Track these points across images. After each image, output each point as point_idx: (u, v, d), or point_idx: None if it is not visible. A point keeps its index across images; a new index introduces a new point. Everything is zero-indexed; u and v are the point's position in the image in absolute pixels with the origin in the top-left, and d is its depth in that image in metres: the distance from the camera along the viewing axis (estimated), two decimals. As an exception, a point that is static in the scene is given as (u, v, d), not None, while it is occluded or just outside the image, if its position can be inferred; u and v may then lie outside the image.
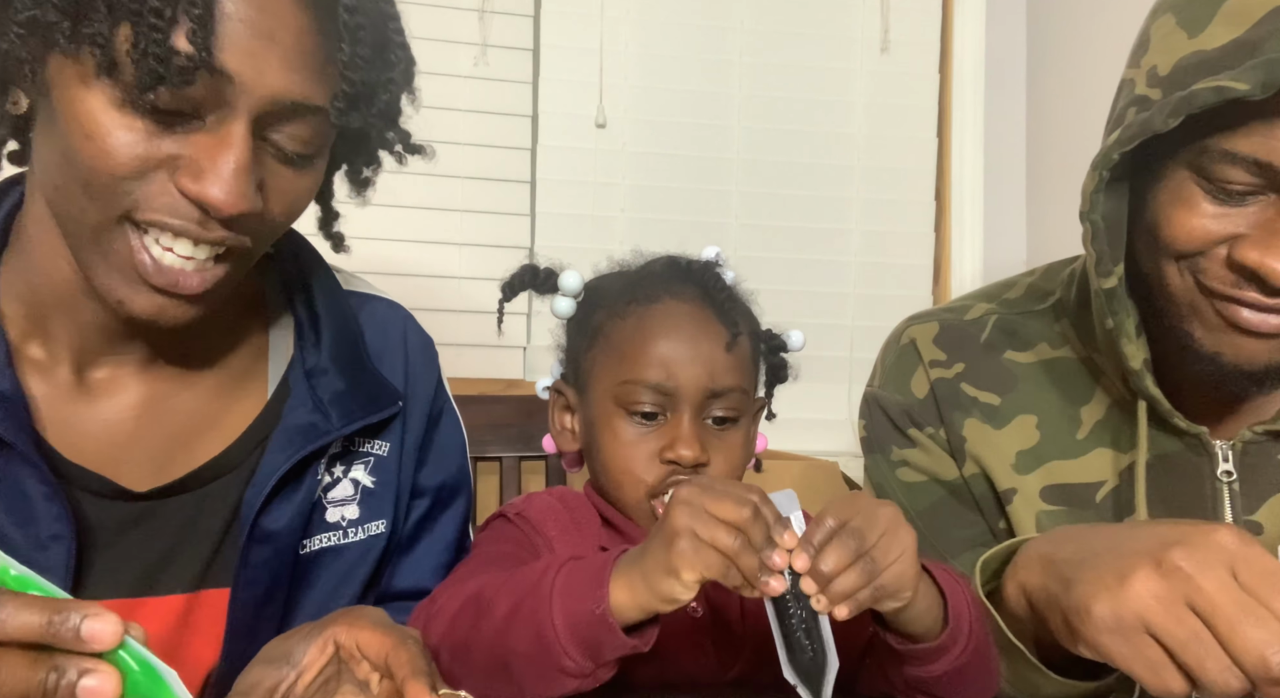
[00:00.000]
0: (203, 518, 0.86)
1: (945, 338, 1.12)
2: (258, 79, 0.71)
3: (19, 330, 0.82)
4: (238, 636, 0.84)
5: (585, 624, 0.68)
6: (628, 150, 2.03)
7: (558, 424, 0.98)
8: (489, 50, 1.94)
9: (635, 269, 0.99)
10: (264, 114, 0.73)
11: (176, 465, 0.85)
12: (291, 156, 0.77)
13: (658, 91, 2.04)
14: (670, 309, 0.91)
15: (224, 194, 0.71)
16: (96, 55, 0.68)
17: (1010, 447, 1.05)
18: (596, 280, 0.99)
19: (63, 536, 0.77)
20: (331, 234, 0.93)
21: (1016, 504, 1.04)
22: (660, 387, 0.88)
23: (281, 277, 0.94)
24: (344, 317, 0.94)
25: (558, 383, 0.98)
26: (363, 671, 0.68)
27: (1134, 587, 0.71)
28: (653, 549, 0.68)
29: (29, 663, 0.48)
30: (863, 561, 0.67)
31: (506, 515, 0.92)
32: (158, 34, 0.67)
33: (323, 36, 0.75)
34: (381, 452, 0.94)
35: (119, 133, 0.70)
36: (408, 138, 0.88)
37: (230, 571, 0.85)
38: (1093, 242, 0.94)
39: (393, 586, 0.96)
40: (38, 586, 0.51)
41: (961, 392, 1.08)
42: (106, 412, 0.84)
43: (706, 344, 0.90)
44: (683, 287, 0.93)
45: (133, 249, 0.74)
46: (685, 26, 2.06)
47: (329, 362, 0.90)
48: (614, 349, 0.91)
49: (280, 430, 0.87)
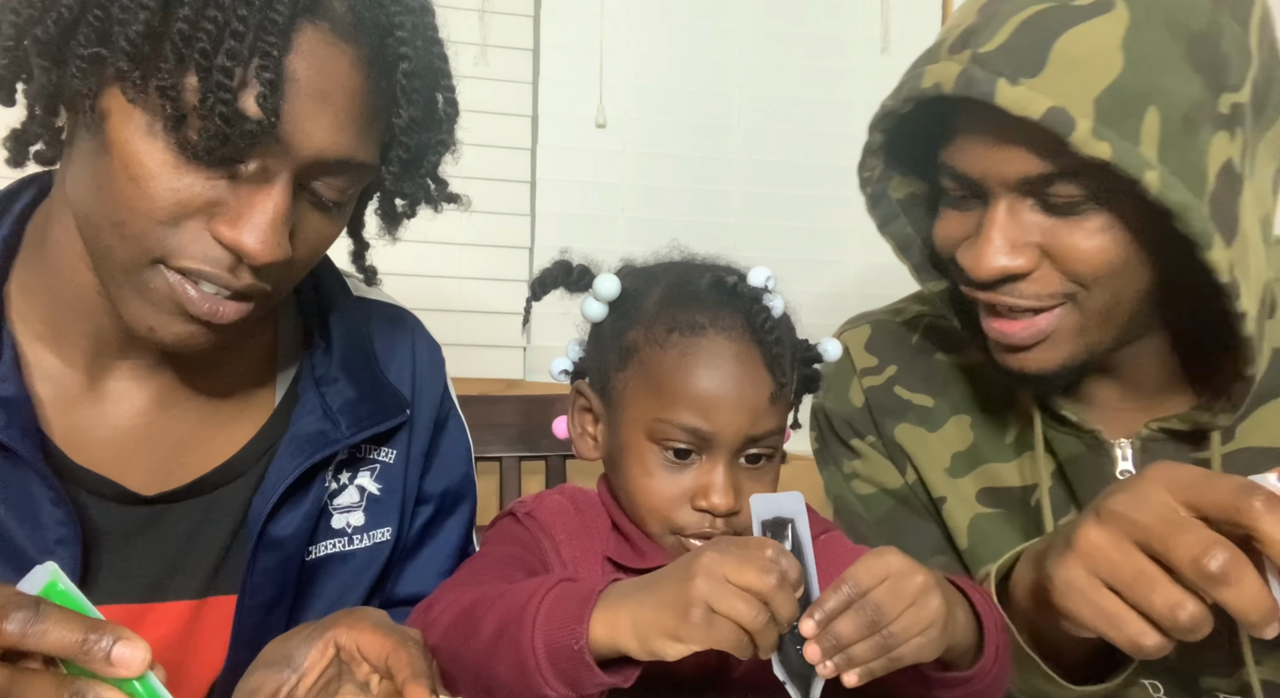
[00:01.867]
0: (210, 524, 0.86)
1: (876, 341, 1.11)
2: (306, 141, 0.71)
3: (32, 331, 0.82)
4: (244, 642, 0.84)
5: (564, 657, 0.67)
6: (628, 150, 2.03)
7: (579, 426, 0.93)
8: (489, 50, 1.93)
9: (675, 279, 0.90)
10: (307, 169, 0.73)
11: (184, 471, 0.85)
12: (326, 204, 0.77)
13: (658, 91, 2.04)
14: (715, 347, 0.84)
15: (259, 244, 0.71)
16: (166, 109, 0.68)
17: (945, 449, 1.04)
18: (631, 284, 0.90)
19: (68, 539, 0.77)
20: (364, 268, 0.93)
21: (950, 509, 1.03)
22: (698, 431, 0.82)
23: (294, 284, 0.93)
24: (354, 324, 0.94)
25: (580, 385, 0.92)
26: (363, 672, 0.68)
27: (1079, 543, 0.73)
28: (658, 607, 0.65)
29: (54, 684, 0.49)
30: (878, 635, 0.65)
31: (516, 515, 0.90)
32: (226, 94, 0.67)
33: (374, 96, 0.75)
34: (388, 459, 0.94)
35: (164, 179, 0.70)
36: (445, 187, 0.88)
37: (237, 577, 0.85)
38: (902, 253, 1.01)
39: (397, 592, 0.96)
40: (79, 605, 0.53)
41: (894, 396, 1.07)
42: (115, 416, 0.84)
43: (751, 391, 0.83)
44: (730, 318, 0.85)
45: (169, 284, 0.73)
46: (685, 26, 2.06)
47: (339, 370, 0.90)
48: (650, 380, 0.85)
49: (289, 438, 0.87)
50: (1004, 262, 0.84)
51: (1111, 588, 0.71)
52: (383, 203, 0.88)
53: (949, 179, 0.89)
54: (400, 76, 0.75)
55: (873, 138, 0.94)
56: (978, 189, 0.86)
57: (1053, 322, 0.87)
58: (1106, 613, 0.71)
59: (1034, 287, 0.85)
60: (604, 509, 0.90)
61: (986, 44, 0.81)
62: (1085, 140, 0.76)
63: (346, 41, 0.72)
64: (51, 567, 0.54)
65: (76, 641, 0.49)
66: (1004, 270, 0.85)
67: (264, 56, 0.67)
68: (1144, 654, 0.71)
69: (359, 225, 0.92)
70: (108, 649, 0.50)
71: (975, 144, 0.84)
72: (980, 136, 0.84)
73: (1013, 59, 0.79)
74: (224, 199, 0.72)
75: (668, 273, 0.91)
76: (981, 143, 0.84)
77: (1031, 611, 0.82)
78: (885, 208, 1.00)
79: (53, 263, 0.81)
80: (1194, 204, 0.77)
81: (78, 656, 0.50)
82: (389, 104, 0.77)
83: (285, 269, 0.77)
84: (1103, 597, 0.71)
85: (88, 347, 0.83)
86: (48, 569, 0.53)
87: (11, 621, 0.49)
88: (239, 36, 0.67)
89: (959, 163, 0.86)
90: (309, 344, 0.92)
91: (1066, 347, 0.88)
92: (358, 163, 0.75)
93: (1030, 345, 0.88)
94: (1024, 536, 1.00)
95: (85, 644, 0.50)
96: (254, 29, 0.67)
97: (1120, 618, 0.71)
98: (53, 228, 0.81)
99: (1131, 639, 0.70)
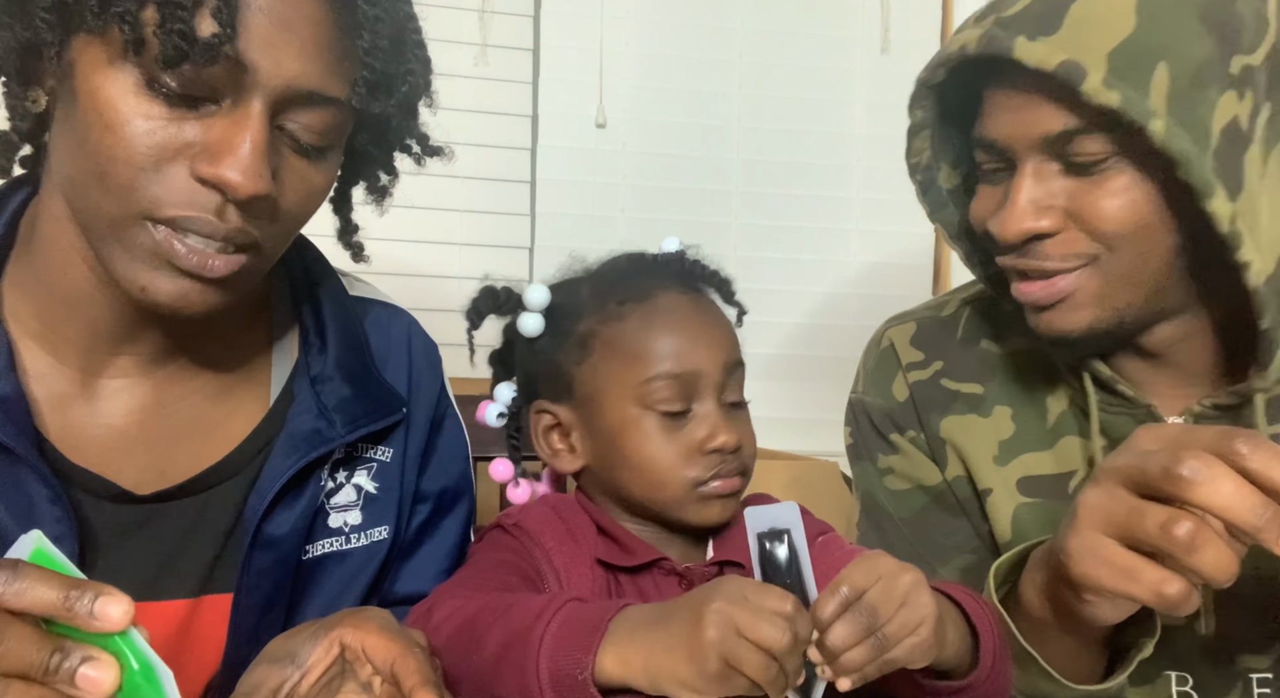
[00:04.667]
0: (205, 523, 0.85)
1: (922, 337, 1.12)
2: (274, 68, 0.72)
3: (26, 329, 0.82)
4: (240, 641, 0.84)
5: (569, 686, 0.67)
6: (628, 150, 2.03)
7: (549, 447, 0.93)
8: (489, 50, 1.94)
9: (596, 273, 0.96)
10: (279, 101, 0.74)
11: (179, 470, 0.85)
12: (306, 148, 0.78)
13: (658, 91, 2.04)
14: (670, 299, 0.90)
15: (240, 175, 0.72)
16: (125, 32, 0.69)
17: (995, 436, 1.05)
18: (558, 291, 0.94)
19: (64, 537, 0.77)
20: (351, 244, 0.95)
21: (994, 500, 1.04)
22: (684, 375, 0.86)
23: (289, 282, 0.93)
24: (350, 323, 0.94)
25: (540, 405, 0.93)
26: (366, 672, 0.68)
27: (1080, 507, 0.75)
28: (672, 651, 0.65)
29: (37, 640, 0.50)
30: (873, 638, 0.65)
31: (503, 527, 0.90)
32: (183, 12, 0.68)
33: (340, 30, 0.76)
34: (385, 457, 0.94)
35: (138, 121, 0.71)
36: (426, 140, 0.89)
37: (233, 576, 0.84)
38: (953, 240, 1.03)
39: (395, 591, 0.96)
40: (60, 565, 0.53)
41: (941, 389, 1.08)
42: (110, 414, 0.84)
43: (718, 322, 0.91)
44: (669, 278, 0.92)
45: (156, 239, 0.74)
46: (685, 26, 2.06)
47: (334, 368, 0.90)
48: (621, 352, 0.88)
49: (284, 436, 0.87)
50: (1029, 223, 0.88)
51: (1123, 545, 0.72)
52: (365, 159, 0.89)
53: (981, 152, 0.93)
54: (362, 3, 0.76)
55: (913, 116, 0.98)
56: (1006, 156, 0.90)
57: (1072, 283, 0.89)
58: (1122, 568, 0.72)
59: (1059, 248, 0.89)
60: (586, 513, 0.91)
61: (1009, 10, 0.87)
62: (1096, 90, 0.81)
63: None
64: (36, 534, 0.54)
65: (58, 598, 0.50)
66: (1030, 231, 0.88)
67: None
68: (1170, 606, 0.71)
69: (345, 205, 0.93)
70: (90, 605, 0.50)
71: (1001, 109, 0.89)
72: (1005, 100, 0.88)
73: (1032, 20, 0.84)
74: (201, 139, 0.73)
75: (583, 270, 0.97)
76: (1007, 106, 0.88)
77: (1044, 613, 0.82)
78: (935, 196, 1.03)
79: (44, 258, 0.81)
80: (1196, 155, 0.81)
81: (60, 612, 0.50)
82: (357, 45, 0.78)
83: (272, 212, 0.77)
84: (1115, 553, 0.72)
85: (81, 344, 0.83)
86: (32, 536, 0.54)
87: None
88: None
89: (988, 131, 0.90)
90: (304, 342, 0.92)
91: (1091, 308, 0.90)
92: (330, 97, 0.76)
93: (1052, 304, 0.91)
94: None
95: (67, 601, 0.50)
96: None
97: (1136, 569, 0.71)
98: (42, 222, 0.81)
99: (1152, 589, 0.71)
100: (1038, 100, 0.85)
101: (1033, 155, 0.88)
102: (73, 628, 0.52)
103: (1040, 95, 0.85)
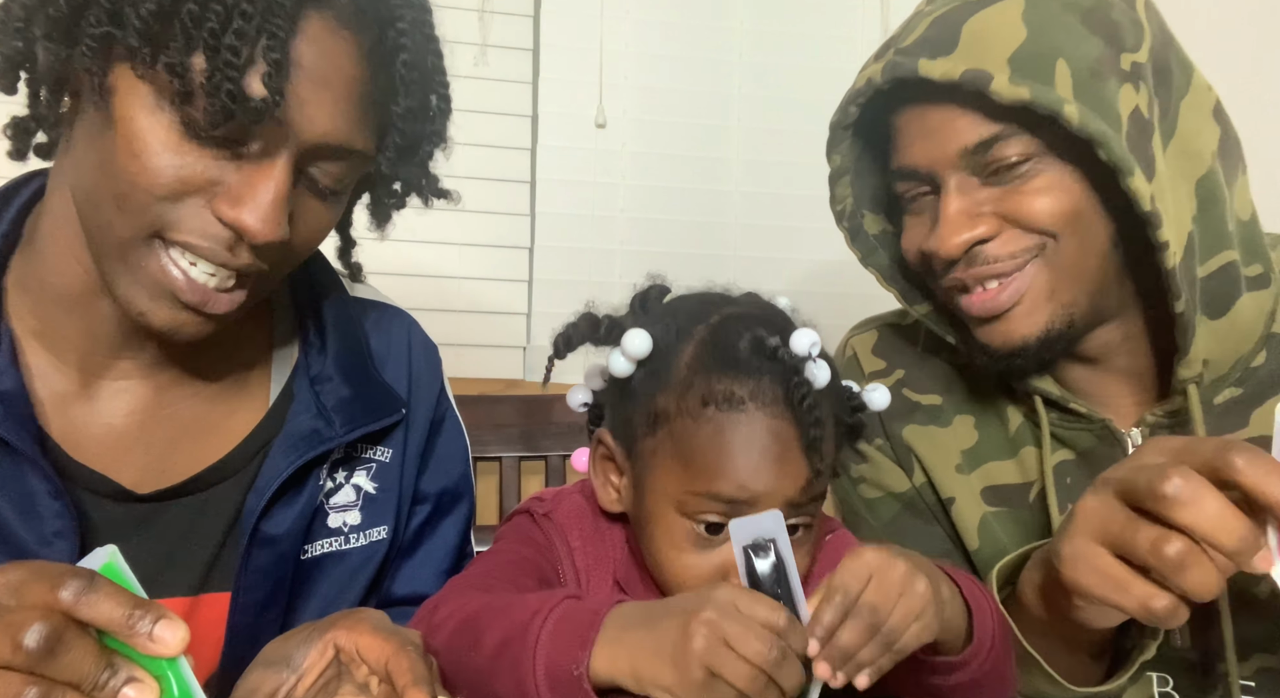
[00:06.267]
0: (204, 522, 0.86)
1: (883, 345, 1.13)
2: (307, 124, 0.74)
3: (28, 328, 0.82)
4: (238, 640, 0.84)
5: (564, 683, 0.67)
6: (628, 150, 2.03)
7: (600, 474, 0.87)
8: (489, 50, 1.93)
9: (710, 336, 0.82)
10: (307, 153, 0.76)
11: (179, 469, 0.85)
12: (323, 191, 0.79)
13: (658, 91, 2.04)
14: (754, 425, 0.77)
15: (259, 223, 0.73)
16: (175, 85, 0.70)
17: (955, 446, 1.06)
18: (662, 336, 0.83)
19: (66, 532, 0.78)
20: (350, 264, 0.95)
21: (958, 509, 1.04)
22: (735, 500, 0.77)
23: (290, 283, 0.94)
24: (350, 324, 0.95)
25: (603, 435, 0.86)
26: (362, 673, 0.68)
27: (1078, 514, 0.75)
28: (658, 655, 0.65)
29: (95, 654, 0.52)
30: (879, 635, 0.66)
31: (533, 514, 0.88)
32: (233, 72, 0.69)
33: (373, 86, 0.78)
34: (384, 458, 0.94)
35: (167, 155, 0.72)
36: (436, 182, 0.90)
37: (231, 575, 0.85)
38: (888, 282, 1.04)
39: (394, 591, 0.96)
40: (128, 582, 0.55)
41: (903, 397, 1.08)
42: (111, 413, 0.84)
43: (791, 467, 0.78)
44: (770, 390, 0.79)
45: (162, 265, 0.75)
46: (685, 26, 2.06)
47: (334, 369, 0.91)
48: (682, 453, 0.79)
49: (283, 436, 0.87)
50: (966, 233, 0.90)
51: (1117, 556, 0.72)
52: (374, 196, 0.90)
53: (901, 182, 0.96)
54: (400, 67, 0.78)
55: (832, 162, 1.02)
56: (928, 179, 0.92)
57: (1027, 279, 0.91)
58: (1112, 579, 0.72)
59: (1003, 247, 0.90)
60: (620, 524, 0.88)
61: (905, 41, 0.92)
62: (1004, 87, 0.84)
63: (349, 30, 0.75)
64: (111, 549, 0.56)
65: (123, 615, 0.52)
66: (968, 240, 0.90)
67: (271, 38, 0.70)
68: (1157, 620, 0.71)
69: (346, 223, 0.93)
70: (150, 627, 0.52)
71: (916, 134, 0.92)
72: (919, 125, 0.92)
73: (929, 44, 0.89)
74: (225, 179, 0.74)
75: (701, 326, 0.83)
76: (921, 130, 0.91)
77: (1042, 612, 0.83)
78: (864, 242, 1.06)
79: (45, 258, 0.81)
80: (1112, 135, 0.84)
81: (122, 629, 0.52)
82: (385, 95, 0.79)
83: (282, 252, 0.78)
84: (1107, 563, 0.72)
85: (80, 345, 0.83)
86: (107, 551, 0.56)
87: (67, 588, 0.51)
88: (247, 17, 0.70)
89: (906, 159, 0.93)
90: (304, 343, 0.92)
91: (1046, 308, 0.91)
92: (355, 150, 0.78)
93: (1009, 309, 0.91)
94: (1030, 532, 1.00)
95: (131, 619, 0.52)
96: (261, 12, 0.70)
97: (1127, 582, 0.71)
98: (45, 220, 0.81)
99: (1140, 602, 0.71)
100: (951, 116, 0.89)
101: (954, 172, 0.90)
102: (125, 645, 0.53)
103: (953, 109, 0.88)
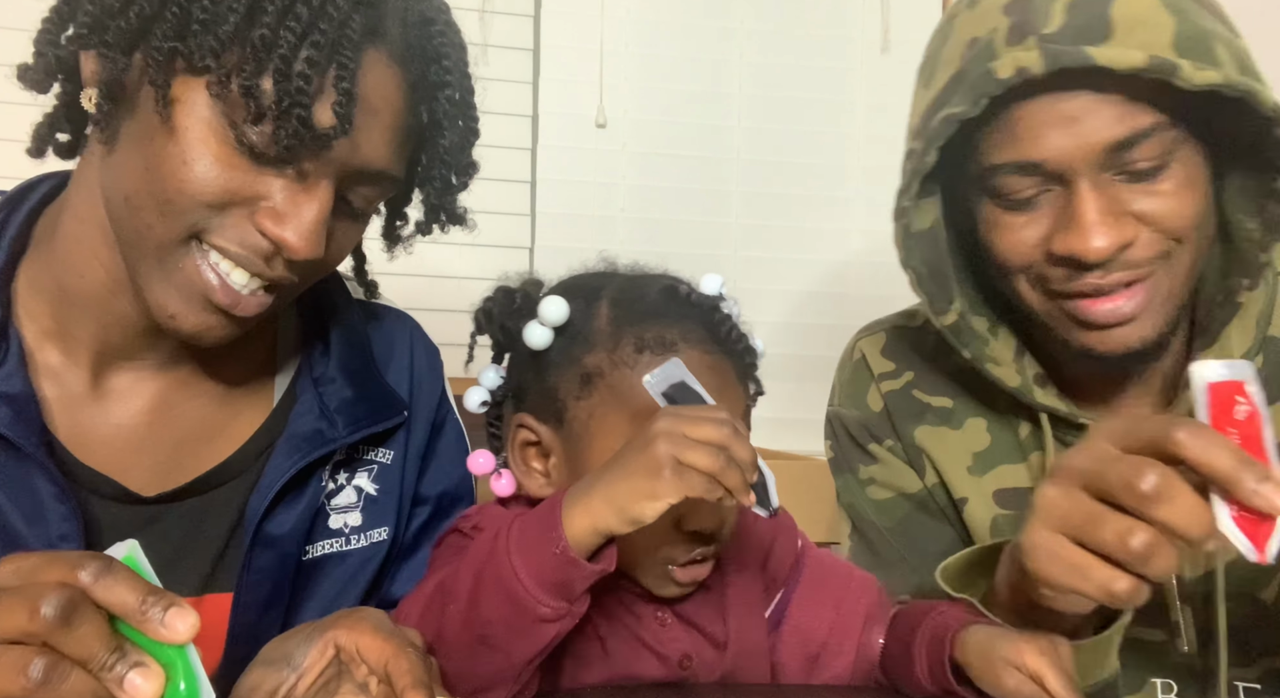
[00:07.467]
0: (208, 523, 0.86)
1: (893, 348, 1.12)
2: (354, 152, 0.76)
3: (39, 329, 0.83)
4: (240, 640, 0.84)
5: (550, 568, 0.69)
6: (628, 150, 2.03)
7: (522, 463, 0.85)
8: (489, 50, 1.94)
9: (620, 293, 0.84)
10: (350, 178, 0.78)
11: (183, 471, 0.86)
12: (356, 212, 0.82)
13: (658, 91, 2.04)
14: (691, 362, 0.77)
15: (301, 241, 0.75)
16: (249, 106, 0.71)
17: (966, 448, 1.05)
18: (576, 304, 0.83)
19: (71, 535, 0.78)
20: (366, 282, 0.97)
21: (970, 510, 1.04)
22: None
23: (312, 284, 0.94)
24: (353, 326, 0.95)
25: (524, 419, 0.84)
26: (362, 673, 0.68)
27: (1037, 504, 0.75)
28: (629, 476, 0.69)
29: (106, 635, 0.52)
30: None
31: (461, 530, 0.86)
32: (305, 98, 0.72)
33: (413, 117, 0.81)
34: (385, 460, 0.94)
35: (218, 167, 0.74)
36: (454, 209, 0.90)
37: (234, 576, 0.85)
38: (920, 286, 0.99)
39: (393, 592, 0.96)
40: (146, 574, 0.56)
41: (913, 399, 1.08)
42: (118, 415, 0.85)
43: (730, 403, 0.80)
44: (696, 330, 0.81)
45: (198, 268, 0.76)
46: (685, 26, 2.06)
47: (337, 370, 0.91)
48: (626, 402, 0.79)
49: (286, 437, 0.87)
50: (1114, 235, 0.85)
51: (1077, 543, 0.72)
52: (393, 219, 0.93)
53: (1015, 178, 0.88)
54: (444, 101, 0.82)
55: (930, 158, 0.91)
56: (1052, 175, 0.87)
57: (1151, 288, 0.88)
58: (1073, 565, 0.72)
59: (1142, 252, 0.87)
60: None
61: (1046, 28, 0.84)
62: (1191, 74, 0.80)
63: (399, 65, 0.78)
64: (132, 543, 0.57)
65: (137, 600, 0.52)
66: (1118, 243, 0.86)
67: (341, 68, 0.73)
68: (1119, 602, 0.71)
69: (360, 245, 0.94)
70: (162, 614, 0.52)
71: (1049, 128, 0.85)
72: (1055, 117, 0.85)
73: (1081, 32, 0.83)
74: (271, 194, 0.75)
75: (608, 288, 0.85)
76: (1058, 123, 0.85)
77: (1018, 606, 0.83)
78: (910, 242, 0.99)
79: (62, 259, 0.82)
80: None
81: (135, 613, 0.52)
82: (421, 127, 0.83)
83: (314, 268, 0.81)
84: (1068, 550, 0.72)
85: (93, 346, 0.83)
86: (128, 544, 0.57)
87: (86, 571, 0.52)
88: (318, 47, 0.72)
89: (1030, 154, 0.86)
90: (308, 345, 0.93)
91: (1160, 312, 0.90)
92: (391, 176, 0.82)
93: (1130, 319, 0.89)
94: None
95: (144, 605, 0.52)
96: (332, 43, 0.72)
97: (1087, 567, 0.71)
98: (66, 221, 0.82)
99: (1102, 587, 0.71)
100: (1091, 106, 0.84)
101: (1088, 170, 0.85)
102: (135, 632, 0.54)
103: (1091, 100, 0.84)
